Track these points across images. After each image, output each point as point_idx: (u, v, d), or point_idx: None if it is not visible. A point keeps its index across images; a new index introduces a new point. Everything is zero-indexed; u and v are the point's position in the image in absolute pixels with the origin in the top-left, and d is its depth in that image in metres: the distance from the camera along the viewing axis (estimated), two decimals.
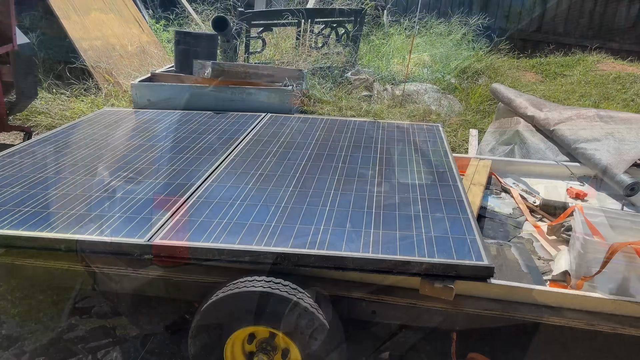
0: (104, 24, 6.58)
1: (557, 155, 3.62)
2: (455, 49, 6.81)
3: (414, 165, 3.10)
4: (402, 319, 2.23)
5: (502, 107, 4.60)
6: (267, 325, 1.99)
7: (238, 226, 2.27)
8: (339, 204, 2.53)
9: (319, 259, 2.04)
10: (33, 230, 2.21)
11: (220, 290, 2.03)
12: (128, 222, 2.30)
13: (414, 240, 2.17)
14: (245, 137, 3.54)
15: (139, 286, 2.38)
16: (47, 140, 3.45)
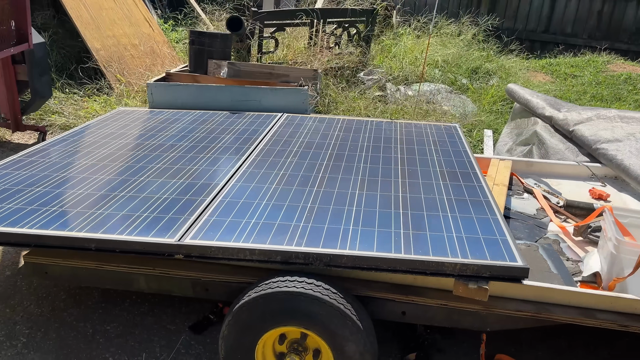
0: (115, 23, 6.58)
1: (577, 156, 3.61)
2: (466, 49, 6.79)
3: (436, 166, 3.08)
4: (432, 320, 2.22)
5: (518, 108, 4.59)
6: (300, 325, 1.98)
7: (266, 226, 2.26)
8: (365, 204, 2.51)
9: (351, 260, 2.03)
10: (62, 229, 2.20)
11: (253, 291, 2.02)
12: (156, 221, 2.29)
13: (445, 241, 2.16)
14: (264, 137, 3.53)
15: (165, 286, 2.38)
16: (66, 139, 3.44)
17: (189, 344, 2.55)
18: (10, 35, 4.18)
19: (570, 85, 7.20)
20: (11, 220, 2.26)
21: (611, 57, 8.44)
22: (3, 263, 3.08)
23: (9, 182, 2.71)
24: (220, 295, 2.34)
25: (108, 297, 2.83)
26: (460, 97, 5.56)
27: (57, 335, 2.54)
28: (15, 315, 2.66)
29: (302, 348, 2.07)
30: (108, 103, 5.47)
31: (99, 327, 2.62)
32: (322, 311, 1.94)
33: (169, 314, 2.74)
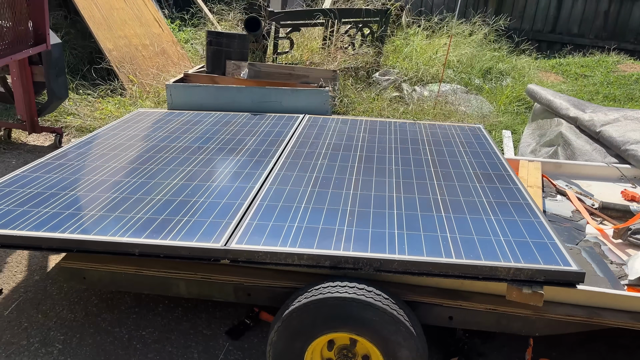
0: (126, 23, 6.53)
1: (605, 157, 3.59)
2: (478, 49, 6.77)
3: (468, 167, 3.06)
4: (479, 325, 2.19)
5: (539, 108, 4.57)
6: (351, 331, 1.95)
7: (310, 230, 2.23)
8: (405, 207, 2.49)
9: (402, 265, 2.00)
10: (104, 234, 2.16)
11: (303, 296, 1.99)
12: (197, 226, 2.25)
13: (493, 244, 2.13)
14: (290, 139, 3.50)
15: (206, 291, 2.34)
16: (90, 142, 3.40)
17: (227, 349, 2.51)
18: (28, 35, 4.13)
19: (582, 85, 7.20)
20: (51, 225, 2.23)
21: (620, 57, 8.43)
22: (30, 267, 3.04)
23: (42, 185, 2.66)
24: (263, 300, 2.31)
25: (140, 302, 2.79)
26: (476, 97, 5.54)
27: (94, 341, 2.51)
28: (49, 321, 2.62)
29: (352, 354, 2.04)
30: (122, 104, 5.43)
31: (134, 332, 2.58)
32: (375, 317, 1.91)
33: (204, 318, 2.70)
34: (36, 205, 2.43)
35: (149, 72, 6.28)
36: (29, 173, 2.84)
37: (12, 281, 2.91)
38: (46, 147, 4.72)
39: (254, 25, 4.84)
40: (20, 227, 2.21)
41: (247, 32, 4.88)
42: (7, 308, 2.70)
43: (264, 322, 2.68)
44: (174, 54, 7.06)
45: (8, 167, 4.29)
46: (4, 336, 2.51)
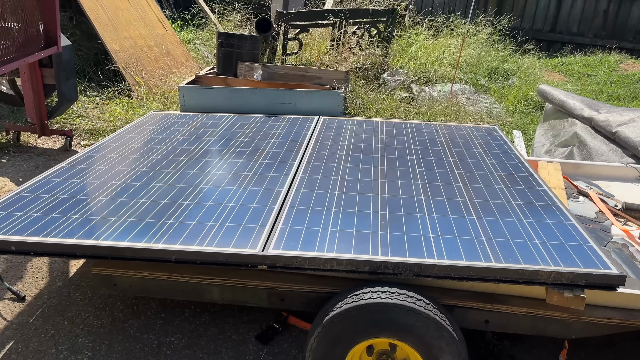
0: (131, 24, 6.49)
1: (621, 158, 3.61)
2: (483, 49, 6.79)
3: (491, 169, 3.06)
4: (516, 328, 2.19)
5: (551, 108, 4.58)
6: (393, 337, 1.94)
7: (345, 235, 2.22)
8: (436, 210, 2.48)
9: (442, 269, 2.00)
10: (139, 240, 2.14)
11: (343, 302, 1.98)
12: (231, 231, 2.24)
13: (530, 248, 2.14)
14: (309, 141, 3.49)
15: (240, 297, 2.33)
16: (109, 145, 3.37)
17: (257, 354, 2.50)
18: (39, 38, 4.09)
19: (585, 84, 7.23)
20: (83, 232, 2.20)
21: (622, 56, 8.49)
22: (52, 273, 3.01)
23: (67, 191, 2.64)
24: (297, 305, 2.30)
25: (166, 307, 2.77)
26: (485, 97, 5.55)
27: (123, 348, 2.48)
28: (75, 328, 2.60)
29: (391, 359, 2.03)
30: (130, 106, 5.39)
31: (163, 338, 2.56)
32: (418, 322, 1.91)
33: (232, 323, 2.69)
34: (65, 211, 2.40)
35: (155, 73, 6.24)
36: (52, 178, 2.81)
37: (34, 287, 2.88)
38: (56, 150, 4.67)
39: (264, 26, 4.82)
40: (53, 234, 2.18)
41: (257, 33, 4.86)
42: (32, 315, 2.67)
43: (292, 326, 2.67)
44: (179, 55, 7.02)
45: (19, 170, 4.25)
46: (31, 344, 2.48)
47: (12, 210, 2.41)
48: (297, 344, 2.57)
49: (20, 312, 2.69)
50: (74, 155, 3.19)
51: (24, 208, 2.43)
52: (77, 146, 4.79)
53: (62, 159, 4.46)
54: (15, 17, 3.74)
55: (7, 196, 2.56)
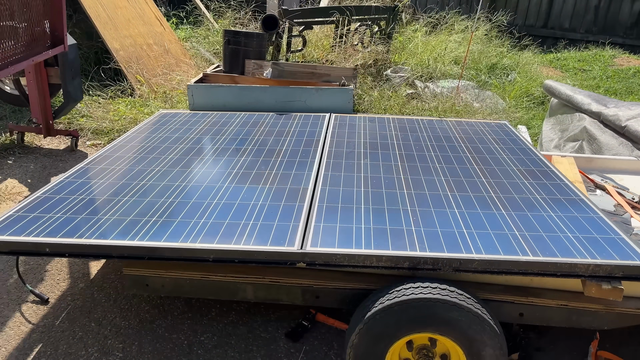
0: (130, 22, 6.42)
1: (632, 151, 3.66)
2: (483, 45, 6.84)
3: (509, 164, 3.09)
4: (549, 321, 2.22)
5: (556, 103, 4.64)
6: (436, 332, 1.96)
7: (379, 231, 2.23)
8: (464, 206, 2.50)
9: (482, 264, 2.02)
10: (175, 240, 2.13)
11: (385, 298, 1.99)
12: (266, 229, 2.24)
13: (563, 241, 2.17)
14: (325, 139, 3.49)
15: (274, 295, 2.33)
16: (124, 145, 3.34)
17: (289, 352, 2.50)
18: (45, 37, 4.03)
19: (582, 79, 7.32)
20: (117, 233, 2.19)
21: (616, 51, 8.60)
22: (73, 275, 2.98)
23: (91, 191, 2.61)
24: (331, 302, 2.31)
25: (192, 307, 2.76)
26: (487, 93, 5.59)
27: (153, 348, 2.47)
28: (103, 329, 2.58)
29: (432, 354, 2.05)
30: (133, 105, 5.34)
31: (192, 338, 2.55)
32: (461, 317, 1.93)
33: (260, 322, 2.68)
34: (93, 212, 2.38)
35: (156, 71, 6.19)
36: (73, 179, 2.78)
37: (56, 289, 2.85)
38: (62, 151, 4.62)
39: (271, 24, 4.81)
40: (86, 235, 2.16)
41: (264, 30, 4.84)
42: (57, 317, 2.64)
43: (320, 323, 2.68)
44: (178, 53, 6.97)
45: (27, 171, 4.19)
46: (60, 346, 2.46)
47: (39, 212, 2.38)
48: (326, 341, 2.57)
49: (45, 314, 2.66)
50: (91, 155, 3.16)
51: (52, 210, 2.40)
52: (83, 146, 4.73)
53: (69, 160, 4.41)
54: (23, 16, 3.68)
55: (32, 198, 2.53)
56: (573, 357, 2.54)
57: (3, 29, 3.45)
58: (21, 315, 2.64)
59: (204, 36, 8.19)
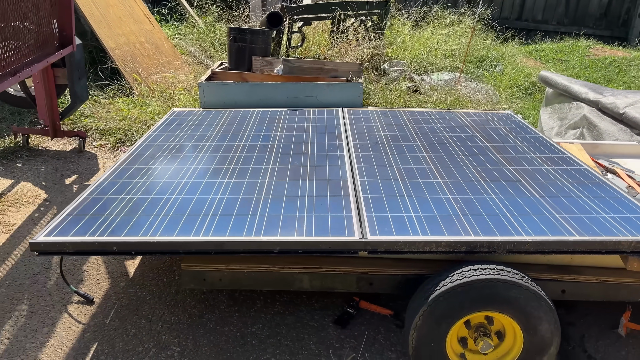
0: (122, 21, 6.35)
1: (631, 137, 3.90)
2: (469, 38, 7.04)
3: (527, 152, 3.26)
4: (589, 296, 2.39)
5: (551, 93, 4.85)
6: (496, 310, 2.09)
7: (430, 219, 2.35)
8: (500, 192, 2.65)
9: (534, 245, 2.16)
10: (238, 234, 2.20)
11: (447, 280, 2.11)
12: (322, 221, 2.32)
13: (601, 221, 2.33)
14: (346, 133, 3.59)
15: (329, 283, 2.42)
16: (149, 145, 3.36)
17: (339, 337, 2.60)
18: (54, 37, 3.99)
19: (561, 69, 7.63)
20: (180, 229, 2.24)
21: (591, 42, 8.96)
22: (112, 275, 3.00)
23: (136, 190, 2.64)
24: (385, 288, 2.42)
25: (236, 300, 2.83)
26: (480, 85, 5.79)
27: (209, 342, 2.53)
28: (155, 325, 2.62)
29: (488, 331, 2.19)
30: (135, 104, 5.31)
31: (244, 329, 2.63)
32: (519, 295, 2.07)
33: (305, 311, 2.77)
34: (147, 210, 2.42)
35: (151, 70, 6.15)
36: (113, 180, 2.80)
37: (99, 289, 2.87)
38: (69, 152, 4.57)
39: (276, 20, 4.86)
40: (150, 233, 2.21)
41: (269, 27, 4.89)
42: (106, 316, 2.67)
43: (363, 310, 2.79)
44: (168, 51, 6.93)
45: (39, 174, 4.14)
46: (116, 344, 2.50)
47: (94, 212, 2.41)
48: (373, 326, 2.68)
49: (93, 314, 2.68)
50: (122, 156, 3.18)
51: (105, 210, 2.43)
52: (89, 147, 4.70)
53: (78, 161, 4.38)
54: (35, 17, 3.64)
55: (80, 199, 2.55)
56: (601, 329, 2.73)
57: (20, 30, 3.41)
58: (69, 316, 2.66)
59: (188, 33, 8.15)
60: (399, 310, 2.80)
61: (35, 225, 3.43)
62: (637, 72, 7.42)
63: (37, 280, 2.92)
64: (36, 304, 2.73)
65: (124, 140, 4.75)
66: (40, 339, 2.50)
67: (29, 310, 2.68)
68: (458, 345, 2.22)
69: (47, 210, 3.62)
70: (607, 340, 2.66)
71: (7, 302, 2.73)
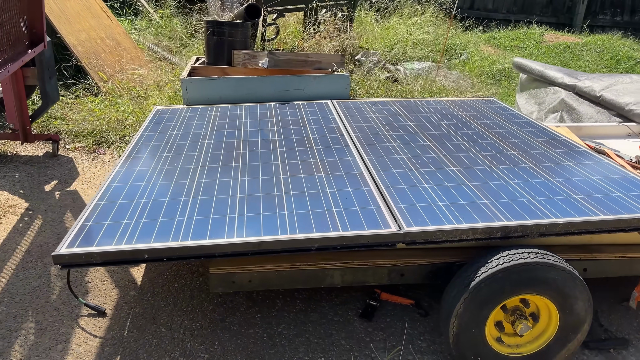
0: (80, 16, 6.02)
1: (609, 118, 4.08)
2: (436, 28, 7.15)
3: (525, 137, 3.34)
4: (608, 273, 2.48)
5: (525, 79, 5.01)
6: (534, 292, 2.14)
7: (459, 207, 2.36)
8: (516, 177, 2.70)
9: (564, 227, 2.22)
10: (273, 233, 2.13)
11: (487, 266, 2.13)
12: (353, 215, 2.29)
13: (618, 200, 2.42)
14: (344, 125, 3.56)
15: (361, 277, 2.40)
16: (142, 147, 3.21)
17: (367, 330, 2.59)
18: (23, 35, 3.73)
19: (520, 55, 7.88)
20: (210, 232, 2.15)
21: (543, 29, 9.30)
22: (118, 283, 2.85)
23: (148, 195, 2.51)
24: (416, 278, 2.42)
25: (256, 302, 2.76)
26: (455, 73, 5.90)
27: (237, 346, 2.46)
28: (176, 333, 2.51)
29: (524, 313, 2.23)
30: (105, 104, 5.06)
31: (270, 330, 2.56)
32: (557, 276, 2.12)
33: (327, 307, 2.74)
34: (168, 213, 2.31)
35: (116, 67, 5.88)
36: (119, 183, 2.65)
37: (108, 300, 2.72)
38: (43, 157, 4.30)
39: (254, 13, 4.74)
40: (180, 237, 2.11)
41: (247, 19, 4.76)
42: (123, 328, 2.54)
43: (384, 301, 2.79)
44: (129, 46, 6.64)
45: (14, 182, 3.87)
46: (140, 356, 2.38)
47: (112, 220, 2.27)
48: (397, 316, 2.69)
49: (108, 326, 2.54)
50: (119, 160, 3.01)
51: (123, 216, 2.30)
52: (63, 150, 4.44)
53: (54, 166, 4.14)
54: (7, 13, 3.39)
55: (91, 206, 2.39)
56: (611, 304, 2.85)
57: None
58: (83, 331, 2.50)
59: (146, 28, 7.85)
60: (418, 299, 2.82)
61: (23, 237, 3.20)
62: (590, 56, 7.78)
63: (39, 295, 2.73)
64: (43, 320, 2.55)
65: (100, 142, 4.52)
66: (56, 357, 2.34)
67: (36, 328, 2.50)
68: (495, 330, 2.25)
69: (32, 220, 3.39)
70: (618, 313, 2.78)
71: (10, 320, 2.54)
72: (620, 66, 7.48)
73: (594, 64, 7.53)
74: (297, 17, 6.02)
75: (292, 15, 6.00)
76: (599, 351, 2.52)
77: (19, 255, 3.03)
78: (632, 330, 2.66)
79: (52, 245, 3.14)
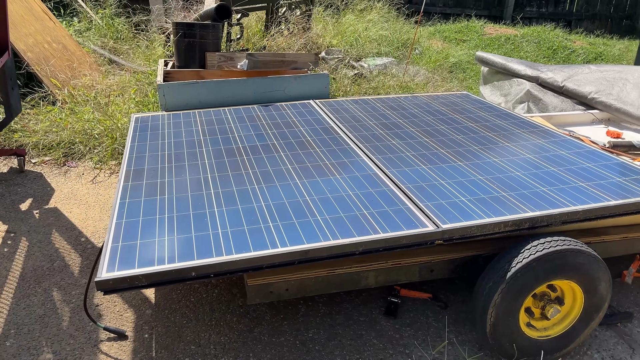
0: (25, 19, 5.62)
1: (574, 107, 4.36)
2: (389, 23, 7.30)
3: (511, 128, 3.50)
4: (613, 253, 2.67)
5: (487, 71, 5.24)
6: (565, 277, 2.26)
7: (484, 201, 2.45)
8: (522, 169, 2.83)
9: (584, 214, 2.36)
10: (315, 241, 2.12)
11: (521, 256, 2.23)
12: (386, 215, 2.32)
13: (620, 185, 2.61)
14: (335, 125, 3.57)
15: (393, 277, 2.44)
16: (140, 158, 3.07)
17: (394, 327, 2.64)
18: None
19: (466, 48, 8.21)
20: (252, 243, 2.10)
21: (482, 21, 9.71)
22: (130, 303, 2.72)
23: (170, 209, 2.41)
24: (444, 273, 2.49)
25: (278, 309, 2.73)
26: (416, 68, 6.05)
27: (272, 356, 2.42)
28: (207, 349, 2.44)
29: (552, 298, 2.36)
30: (67, 114, 4.76)
31: (301, 337, 2.55)
32: (584, 261, 2.26)
33: (349, 308, 2.76)
34: (200, 228, 2.23)
35: (68, 73, 5.54)
36: (132, 200, 2.52)
37: (125, 322, 2.59)
38: (8, 174, 4.00)
39: (224, 13, 4.62)
40: (223, 251, 2.05)
41: (218, 20, 4.64)
42: (149, 349, 2.43)
43: (403, 297, 2.84)
44: (75, 50, 6.29)
45: None
46: None
47: (141, 238, 2.16)
48: (420, 311, 2.76)
49: (133, 349, 2.43)
50: (120, 174, 2.87)
51: (152, 234, 2.19)
52: (29, 165, 4.14)
53: (24, 182, 3.87)
54: None
55: (113, 226, 2.26)
56: None
57: None
58: (108, 356, 2.37)
59: (84, 29, 7.46)
60: (434, 292, 2.90)
61: (12, 262, 2.98)
62: (529, 47, 8.24)
63: (47, 323, 2.55)
64: (61, 350, 2.39)
65: (69, 154, 4.26)
66: None
67: (56, 359, 2.34)
68: (525, 316, 2.37)
69: (17, 243, 3.15)
70: (614, 289, 2.99)
71: (24, 354, 2.36)
72: (557, 55, 7.99)
73: (534, 55, 7.99)
74: (257, 16, 5.94)
75: (253, 15, 5.92)
76: (608, 326, 2.71)
77: (12, 282, 2.81)
78: (631, 304, 2.88)
79: (46, 269, 2.94)
